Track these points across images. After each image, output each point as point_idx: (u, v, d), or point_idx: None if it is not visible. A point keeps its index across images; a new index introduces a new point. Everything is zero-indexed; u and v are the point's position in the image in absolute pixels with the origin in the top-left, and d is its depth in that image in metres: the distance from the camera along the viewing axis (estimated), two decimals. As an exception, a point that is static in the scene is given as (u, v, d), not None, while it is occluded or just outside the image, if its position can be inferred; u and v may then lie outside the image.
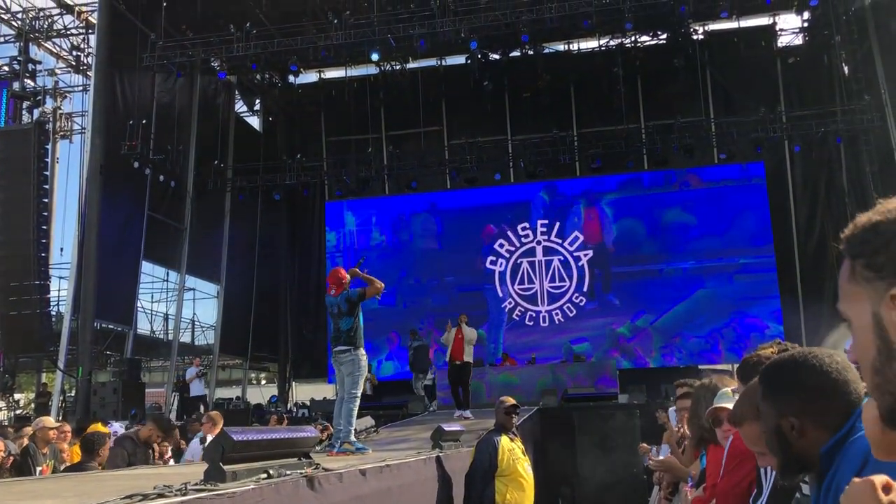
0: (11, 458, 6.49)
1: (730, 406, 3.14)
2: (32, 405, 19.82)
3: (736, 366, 2.77)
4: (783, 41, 22.05)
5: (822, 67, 20.62)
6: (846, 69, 20.14)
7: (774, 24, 21.78)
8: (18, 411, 18.88)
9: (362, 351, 7.40)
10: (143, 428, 6.93)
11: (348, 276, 7.73)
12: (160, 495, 2.52)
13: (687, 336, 20.47)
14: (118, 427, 7.95)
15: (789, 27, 21.92)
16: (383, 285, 7.76)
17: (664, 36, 20.66)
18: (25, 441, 6.97)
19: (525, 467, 6.77)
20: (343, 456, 6.61)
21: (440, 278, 21.69)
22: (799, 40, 21.92)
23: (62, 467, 7.27)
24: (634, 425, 12.14)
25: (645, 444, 9.20)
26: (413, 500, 5.33)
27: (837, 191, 20.52)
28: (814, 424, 1.64)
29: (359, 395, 7.27)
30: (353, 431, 7.26)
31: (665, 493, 5.72)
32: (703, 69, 21.14)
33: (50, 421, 7.44)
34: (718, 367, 17.87)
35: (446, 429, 7.07)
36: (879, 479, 1.19)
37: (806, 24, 21.35)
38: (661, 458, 5.48)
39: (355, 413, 7.28)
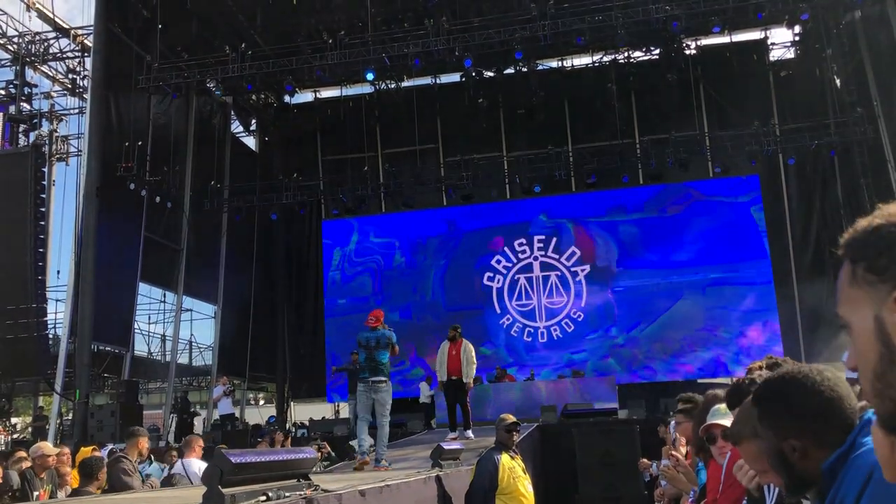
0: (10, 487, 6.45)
1: (724, 423, 3.14)
2: (29, 429, 19.70)
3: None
4: (775, 55, 22.23)
5: (815, 80, 20.76)
6: (838, 82, 20.28)
7: (766, 38, 21.94)
8: (15, 435, 18.76)
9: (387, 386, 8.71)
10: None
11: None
12: (159, 520, 2.50)
13: (685, 350, 20.45)
14: (103, 451, 7.90)
15: (781, 41, 22.12)
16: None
17: (657, 51, 20.82)
18: (23, 465, 6.92)
19: (525, 485, 6.74)
20: (384, 470, 7.82)
21: (437, 296, 21.68)
22: (791, 54, 22.10)
23: (61, 492, 7.21)
24: (634, 440, 12.08)
25: (645, 460, 9.17)
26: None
27: (832, 203, 20.60)
28: (815, 444, 1.63)
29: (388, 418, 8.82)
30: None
31: (666, 509, 5.70)
32: (696, 83, 21.26)
33: (48, 447, 7.39)
34: (718, 380, 17.83)
35: (446, 447, 7.04)
36: None
37: (797, 38, 21.52)
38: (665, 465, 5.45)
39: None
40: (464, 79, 20.14)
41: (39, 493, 6.87)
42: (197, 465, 7.14)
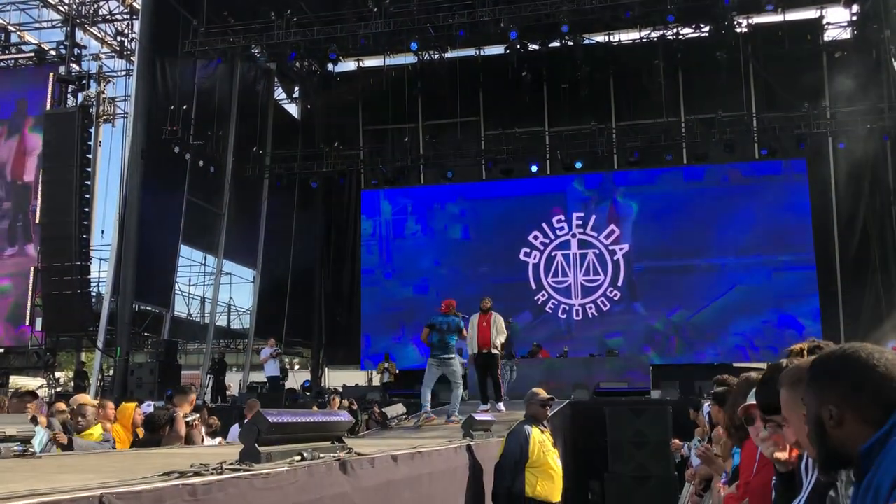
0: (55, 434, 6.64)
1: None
2: (71, 384, 20.26)
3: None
4: (830, 35, 21.61)
5: (871, 62, 20.14)
6: (895, 64, 19.66)
7: (821, 17, 21.36)
8: (59, 389, 19.31)
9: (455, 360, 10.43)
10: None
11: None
12: (196, 473, 2.55)
13: (723, 333, 20.24)
14: (146, 408, 8.08)
15: (837, 21, 21.48)
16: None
17: (707, 28, 20.35)
18: (65, 417, 7.11)
19: (555, 459, 6.77)
20: (456, 423, 9.28)
21: (474, 269, 21.68)
22: (847, 34, 21.45)
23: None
24: (666, 421, 12.03)
25: (677, 441, 9.13)
26: (443, 488, 5.35)
27: (882, 189, 20.10)
28: (853, 416, 1.62)
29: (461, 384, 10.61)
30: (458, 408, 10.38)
31: (697, 489, 5.68)
32: (745, 63, 20.80)
33: (87, 398, 7.57)
34: (753, 365, 17.64)
35: (478, 418, 7.08)
36: None
37: (854, 18, 20.88)
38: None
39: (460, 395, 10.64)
40: (508, 51, 19.93)
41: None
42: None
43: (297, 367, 27.74)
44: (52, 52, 20.80)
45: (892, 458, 1.50)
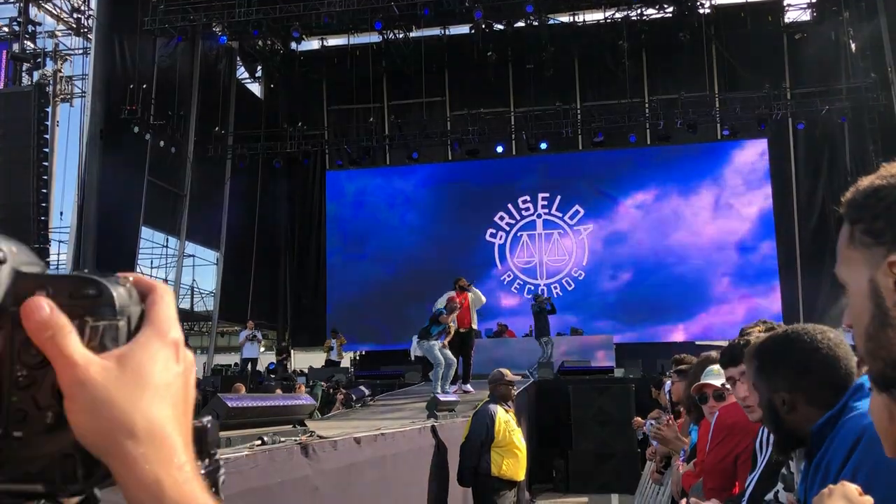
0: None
1: (716, 383, 3.16)
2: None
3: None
4: (791, 16, 21.85)
5: (830, 44, 20.41)
6: (853, 46, 19.96)
7: (783, -1, 21.54)
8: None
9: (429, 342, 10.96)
10: None
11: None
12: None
13: (685, 312, 20.52)
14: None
15: (797, 2, 21.69)
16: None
17: (670, 9, 20.45)
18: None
19: (520, 438, 6.84)
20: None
21: (440, 250, 21.67)
22: (807, 16, 21.70)
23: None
24: (629, 399, 12.21)
25: (639, 418, 9.27)
26: (407, 469, 5.37)
27: (840, 169, 20.44)
28: (804, 400, 1.64)
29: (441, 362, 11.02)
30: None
31: (657, 467, 5.77)
32: (708, 44, 20.94)
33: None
34: (716, 343, 17.92)
35: (441, 399, 7.11)
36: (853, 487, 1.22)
37: (814, 0, 21.13)
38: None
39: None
40: (473, 31, 19.83)
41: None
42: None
43: (262, 349, 27.56)
44: (6, 29, 20.24)
45: (842, 438, 1.53)
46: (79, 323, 0.52)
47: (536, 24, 20.58)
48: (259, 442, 3.23)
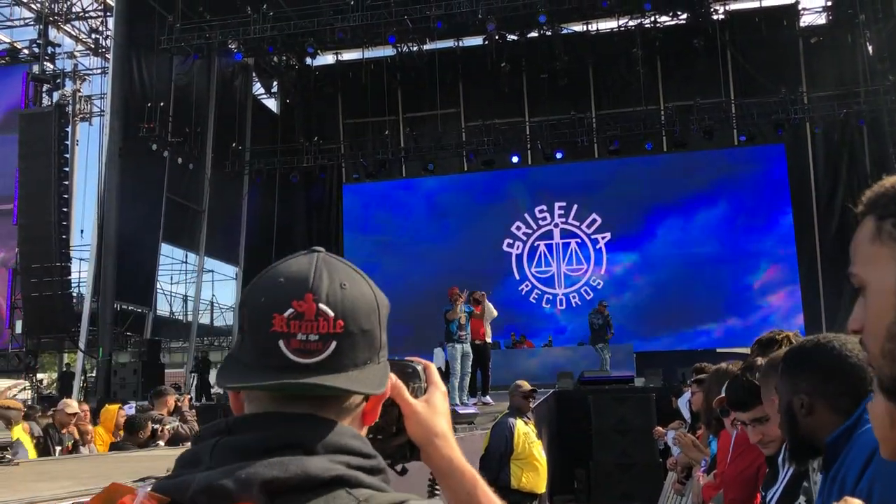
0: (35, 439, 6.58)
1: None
2: (55, 385, 20.09)
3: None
4: (806, 20, 21.74)
5: (846, 47, 20.29)
6: (870, 49, 19.81)
7: (797, 2, 21.45)
8: (46, 391, 19.14)
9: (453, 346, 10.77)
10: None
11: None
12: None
13: (706, 319, 20.36)
14: (129, 409, 8.04)
15: (812, 6, 21.61)
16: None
17: (684, 16, 20.40)
18: (44, 422, 7.06)
19: (539, 450, 6.81)
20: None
21: (457, 260, 21.64)
22: (822, 19, 21.58)
23: (85, 448, 7.36)
24: (650, 408, 12.11)
25: (660, 428, 9.17)
26: (426, 482, 5.36)
27: (859, 173, 20.25)
28: (823, 405, 1.63)
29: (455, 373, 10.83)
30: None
31: (679, 477, 5.72)
32: (723, 50, 20.86)
33: (72, 405, 7.51)
34: (737, 350, 17.75)
35: (460, 411, 7.10)
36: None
37: (829, 3, 21.00)
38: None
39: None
40: (486, 42, 19.89)
41: (63, 447, 7.01)
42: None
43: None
44: (26, 51, 20.54)
45: (858, 450, 1.51)
46: (407, 385, 1.07)
47: (549, 33, 20.60)
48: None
